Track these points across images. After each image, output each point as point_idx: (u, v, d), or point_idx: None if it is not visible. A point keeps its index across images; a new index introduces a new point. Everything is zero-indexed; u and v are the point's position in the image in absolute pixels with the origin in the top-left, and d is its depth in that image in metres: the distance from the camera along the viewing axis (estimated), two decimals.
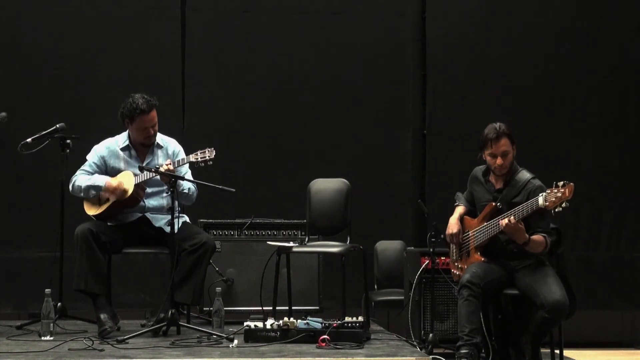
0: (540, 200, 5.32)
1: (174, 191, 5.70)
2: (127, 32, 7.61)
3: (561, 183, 5.28)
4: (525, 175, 5.63)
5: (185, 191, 6.00)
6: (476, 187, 5.82)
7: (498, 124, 5.64)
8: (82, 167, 6.13)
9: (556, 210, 5.30)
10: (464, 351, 5.42)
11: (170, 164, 5.85)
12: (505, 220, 5.40)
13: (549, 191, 5.31)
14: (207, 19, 7.69)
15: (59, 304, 6.05)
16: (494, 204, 5.60)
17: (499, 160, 5.61)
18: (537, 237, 5.49)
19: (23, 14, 7.56)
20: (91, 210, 6.06)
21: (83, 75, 7.53)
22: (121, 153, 6.13)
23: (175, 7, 7.64)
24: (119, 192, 5.94)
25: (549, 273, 5.49)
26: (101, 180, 6.02)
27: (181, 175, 5.94)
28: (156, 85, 6.50)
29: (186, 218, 6.24)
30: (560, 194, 5.26)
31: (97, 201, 6.04)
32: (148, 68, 7.48)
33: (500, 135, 5.59)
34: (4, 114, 6.20)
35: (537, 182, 5.57)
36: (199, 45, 7.68)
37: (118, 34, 7.60)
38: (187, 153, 6.02)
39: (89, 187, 6.01)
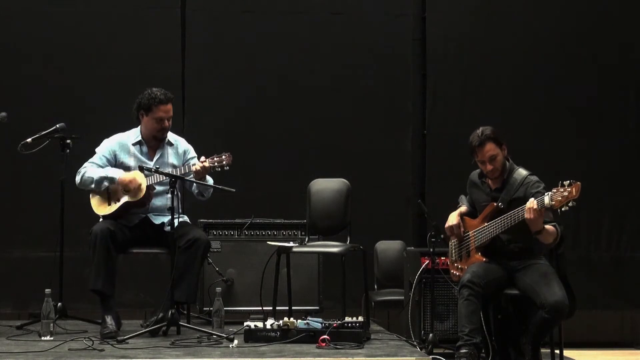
0: (546, 199, 5.29)
1: (174, 191, 5.71)
2: (127, 32, 7.61)
3: (567, 182, 5.24)
4: (522, 173, 5.63)
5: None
6: (474, 190, 5.82)
7: (481, 129, 5.62)
8: (91, 160, 6.10)
9: (562, 209, 5.27)
10: (464, 351, 5.42)
11: (204, 161, 5.89)
12: (529, 205, 5.32)
13: (555, 190, 5.28)
14: (207, 19, 7.70)
15: (59, 304, 6.05)
16: (495, 204, 5.59)
17: (488, 166, 5.61)
18: (549, 226, 5.47)
19: (23, 14, 7.55)
20: (100, 210, 6.04)
21: (83, 75, 7.53)
22: (132, 148, 6.13)
23: (175, 7, 7.64)
24: (133, 186, 5.93)
25: (549, 273, 5.49)
26: (114, 173, 6.01)
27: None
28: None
29: (186, 218, 6.25)
30: (567, 193, 5.22)
31: (107, 201, 6.02)
32: (148, 68, 7.48)
33: (483, 141, 5.57)
34: (4, 114, 6.20)
35: (534, 178, 5.57)
36: (199, 45, 7.68)
37: (118, 34, 7.60)
38: None
39: (103, 179, 5.99)
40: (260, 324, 5.62)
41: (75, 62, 7.55)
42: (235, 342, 5.47)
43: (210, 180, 6.08)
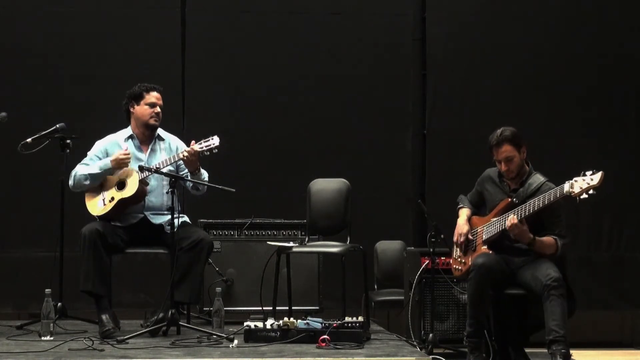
0: (566, 186, 5.32)
1: (174, 191, 5.72)
2: (127, 32, 7.61)
3: (590, 172, 5.30)
4: (539, 178, 5.65)
5: (205, 179, 6.07)
6: (489, 187, 5.81)
7: (501, 129, 5.65)
8: (83, 162, 6.13)
9: (581, 197, 5.29)
10: (474, 340, 5.55)
11: (194, 144, 5.93)
12: (510, 220, 5.41)
13: (575, 179, 5.31)
14: (207, 19, 7.70)
15: (59, 304, 6.06)
16: (509, 199, 5.60)
17: (503, 166, 5.64)
18: (546, 238, 5.50)
19: (23, 14, 7.56)
20: (95, 211, 6.05)
21: (83, 75, 7.53)
22: (124, 144, 6.15)
23: (175, 7, 7.64)
24: (127, 158, 5.95)
25: (547, 261, 5.49)
26: (105, 161, 6.02)
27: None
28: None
29: (186, 218, 6.25)
30: (589, 180, 5.27)
31: (102, 201, 6.03)
32: (148, 68, 7.48)
33: (500, 142, 5.61)
34: (4, 114, 6.21)
35: (552, 185, 5.56)
36: (199, 45, 7.68)
37: (118, 33, 7.60)
38: None
39: (98, 175, 5.99)
40: (260, 324, 5.62)
41: (76, 62, 7.55)
42: (235, 342, 5.47)
43: (205, 174, 6.09)
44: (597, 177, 5.28)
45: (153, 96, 6.16)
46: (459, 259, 5.82)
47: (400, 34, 7.78)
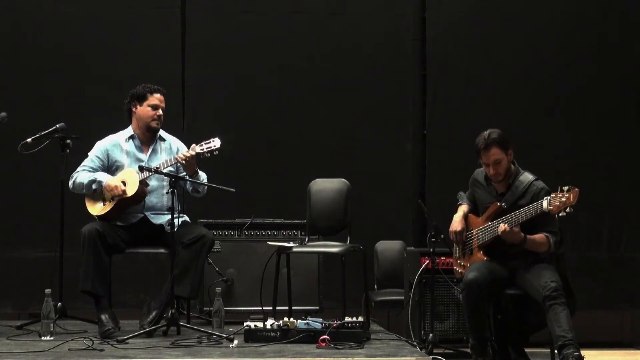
0: (545, 204, 5.32)
1: (174, 191, 5.72)
2: (127, 32, 7.61)
3: (566, 188, 5.27)
4: (527, 177, 5.62)
5: (204, 180, 6.07)
6: (478, 189, 5.81)
7: (488, 131, 5.62)
8: (84, 163, 6.13)
9: (560, 214, 5.29)
10: (478, 350, 5.54)
11: (192, 149, 5.93)
12: (502, 227, 5.42)
13: (553, 195, 5.30)
14: (207, 19, 7.70)
15: (59, 304, 6.07)
16: (498, 203, 5.59)
17: (491, 170, 5.61)
18: (537, 236, 5.49)
19: (23, 14, 7.56)
20: (94, 211, 6.05)
21: (83, 75, 7.53)
22: (124, 145, 6.15)
23: (175, 7, 7.64)
24: (118, 192, 5.94)
25: (545, 267, 5.49)
26: (102, 177, 6.02)
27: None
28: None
29: (186, 218, 6.25)
30: (564, 199, 5.24)
31: (101, 201, 6.03)
32: (148, 68, 7.48)
33: (489, 145, 5.57)
34: (4, 114, 6.21)
35: (540, 184, 5.55)
36: (199, 45, 7.68)
37: (118, 33, 7.60)
38: None
39: (91, 182, 6.00)
40: (260, 324, 5.63)
41: (75, 62, 7.54)
42: (235, 342, 5.47)
43: (203, 177, 6.09)
44: (572, 195, 5.25)
45: (156, 98, 6.16)
46: (459, 261, 5.82)
47: (400, 34, 7.78)
